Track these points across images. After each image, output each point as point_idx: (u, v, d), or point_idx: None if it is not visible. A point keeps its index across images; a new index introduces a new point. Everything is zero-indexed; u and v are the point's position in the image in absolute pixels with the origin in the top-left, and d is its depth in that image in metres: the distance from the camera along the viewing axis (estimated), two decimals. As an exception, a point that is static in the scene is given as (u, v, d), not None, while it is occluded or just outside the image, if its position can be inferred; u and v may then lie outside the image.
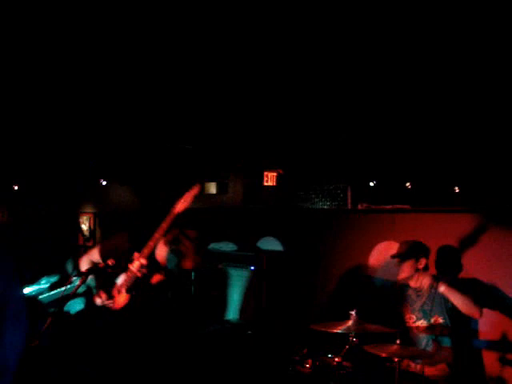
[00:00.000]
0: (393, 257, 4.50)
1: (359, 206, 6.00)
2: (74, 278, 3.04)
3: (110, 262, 3.19)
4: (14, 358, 2.81)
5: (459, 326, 4.27)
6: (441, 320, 4.26)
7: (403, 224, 5.31)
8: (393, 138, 7.51)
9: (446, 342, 4.26)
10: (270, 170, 8.14)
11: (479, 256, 4.74)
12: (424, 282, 4.28)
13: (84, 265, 3.65)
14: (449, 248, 4.86)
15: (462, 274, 4.76)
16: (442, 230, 5.06)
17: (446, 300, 4.23)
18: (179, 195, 8.58)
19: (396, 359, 3.65)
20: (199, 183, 3.69)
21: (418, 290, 4.42)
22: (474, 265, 4.75)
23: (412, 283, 4.44)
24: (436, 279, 4.29)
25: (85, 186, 9.94)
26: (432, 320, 4.28)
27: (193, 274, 5.92)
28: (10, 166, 9.17)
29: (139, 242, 3.55)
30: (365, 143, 7.67)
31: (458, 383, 4.18)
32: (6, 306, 2.81)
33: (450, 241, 4.89)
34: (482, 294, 4.55)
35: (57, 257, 7.50)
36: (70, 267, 6.45)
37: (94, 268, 3.11)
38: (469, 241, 4.83)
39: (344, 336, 3.87)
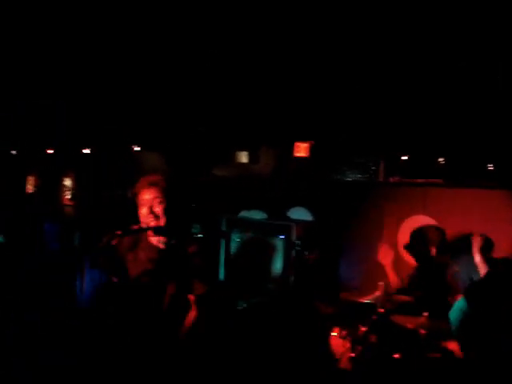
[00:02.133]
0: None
1: (391, 180, 5.97)
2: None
3: (135, 227, 3.14)
4: None
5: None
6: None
7: (435, 198, 5.27)
8: (427, 113, 7.41)
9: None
10: (302, 140, 8.12)
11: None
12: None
13: None
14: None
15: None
16: (475, 205, 5.01)
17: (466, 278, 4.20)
18: (211, 164, 8.62)
19: (422, 331, 3.67)
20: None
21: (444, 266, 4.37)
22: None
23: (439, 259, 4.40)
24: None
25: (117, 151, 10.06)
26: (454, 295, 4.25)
27: (223, 241, 5.98)
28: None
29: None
30: (398, 117, 7.59)
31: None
32: None
33: (482, 217, 4.84)
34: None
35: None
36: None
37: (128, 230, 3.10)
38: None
39: (372, 306, 3.89)
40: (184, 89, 7.66)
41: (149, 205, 3.04)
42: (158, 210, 3.05)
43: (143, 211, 3.07)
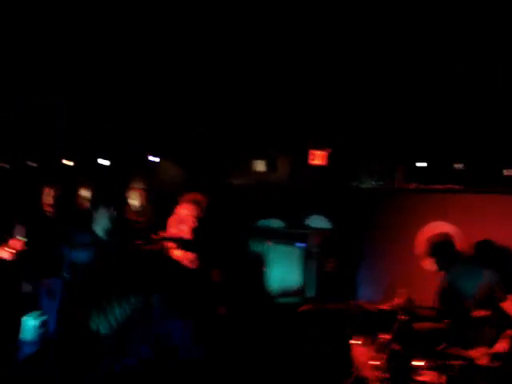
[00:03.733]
0: None
1: (409, 186, 5.94)
2: None
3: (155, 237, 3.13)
4: None
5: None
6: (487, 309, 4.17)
7: (455, 204, 5.23)
8: (443, 118, 7.38)
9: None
10: (318, 148, 8.11)
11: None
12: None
13: None
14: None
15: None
16: (495, 211, 4.97)
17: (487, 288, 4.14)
18: (228, 173, 8.63)
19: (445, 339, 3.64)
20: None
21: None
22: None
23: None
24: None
25: (135, 162, 10.10)
26: (478, 308, 4.18)
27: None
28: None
29: None
30: (414, 122, 7.56)
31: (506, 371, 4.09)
32: None
33: (503, 223, 4.79)
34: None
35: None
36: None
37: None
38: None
39: (393, 314, 3.86)
40: (199, 99, 7.69)
41: (185, 220, 3.04)
42: (192, 227, 3.05)
43: (176, 223, 3.06)
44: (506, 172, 7.23)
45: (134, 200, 10.67)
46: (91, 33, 5.99)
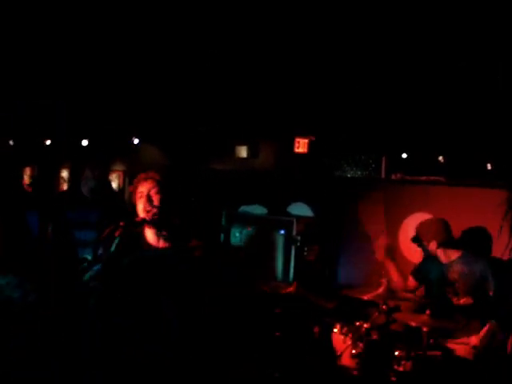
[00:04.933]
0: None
1: (393, 176, 5.94)
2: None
3: (138, 219, 3.08)
4: None
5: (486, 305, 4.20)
6: (469, 297, 4.20)
7: (437, 196, 5.25)
8: (428, 111, 7.39)
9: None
10: (302, 136, 8.07)
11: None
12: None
13: None
14: (479, 229, 4.76)
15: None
16: (476, 204, 5.00)
17: (475, 278, 4.17)
18: (210, 158, 8.56)
19: (425, 329, 3.65)
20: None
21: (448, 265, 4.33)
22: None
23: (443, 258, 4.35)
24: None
25: (115, 144, 9.98)
26: (460, 296, 4.22)
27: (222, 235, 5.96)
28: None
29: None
30: (401, 114, 7.56)
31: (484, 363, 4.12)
32: None
33: (484, 216, 4.82)
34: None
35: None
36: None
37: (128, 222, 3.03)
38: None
39: (374, 303, 3.87)
40: (184, 83, 7.60)
41: (146, 196, 3.01)
42: (156, 199, 3.01)
43: (141, 204, 3.02)
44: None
45: (114, 182, 10.57)
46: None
